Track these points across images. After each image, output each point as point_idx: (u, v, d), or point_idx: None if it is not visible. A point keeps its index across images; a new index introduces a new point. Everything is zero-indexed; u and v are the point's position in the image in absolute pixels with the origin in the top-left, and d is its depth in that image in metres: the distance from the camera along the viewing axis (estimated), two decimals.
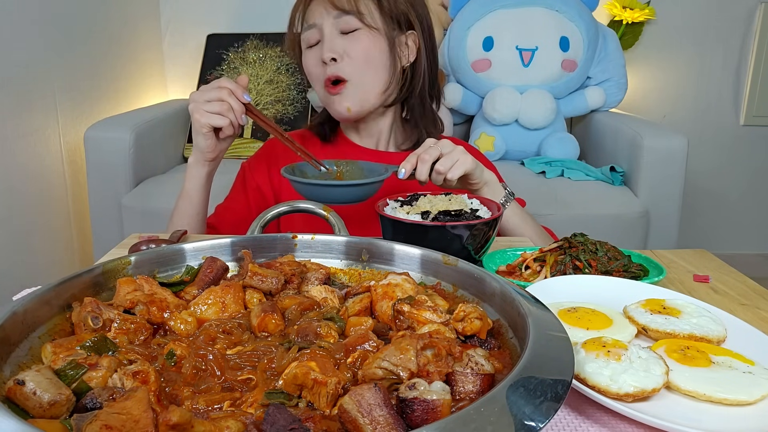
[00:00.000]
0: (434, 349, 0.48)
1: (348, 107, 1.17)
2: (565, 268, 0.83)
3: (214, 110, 1.03)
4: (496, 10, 2.28)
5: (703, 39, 2.72)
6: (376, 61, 1.15)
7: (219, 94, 1.03)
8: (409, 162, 0.98)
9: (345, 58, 1.14)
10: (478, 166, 1.02)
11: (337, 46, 1.14)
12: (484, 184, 1.05)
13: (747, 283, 0.86)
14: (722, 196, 2.88)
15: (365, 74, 1.15)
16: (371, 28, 1.14)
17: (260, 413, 0.43)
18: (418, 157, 0.98)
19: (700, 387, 0.54)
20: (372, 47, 1.15)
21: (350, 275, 0.72)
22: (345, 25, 1.13)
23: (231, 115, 1.04)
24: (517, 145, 2.28)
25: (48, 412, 0.42)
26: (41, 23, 1.86)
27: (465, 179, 1.03)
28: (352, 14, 1.12)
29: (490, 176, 1.06)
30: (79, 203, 2.05)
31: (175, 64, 2.70)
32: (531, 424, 0.38)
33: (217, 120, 1.04)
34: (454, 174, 0.98)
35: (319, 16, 1.14)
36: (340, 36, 1.14)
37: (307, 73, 1.21)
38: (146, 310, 0.58)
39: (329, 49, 1.13)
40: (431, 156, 0.98)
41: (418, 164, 0.98)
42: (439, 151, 0.99)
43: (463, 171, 0.99)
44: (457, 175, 0.99)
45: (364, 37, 1.14)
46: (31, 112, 1.82)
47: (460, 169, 0.99)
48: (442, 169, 0.98)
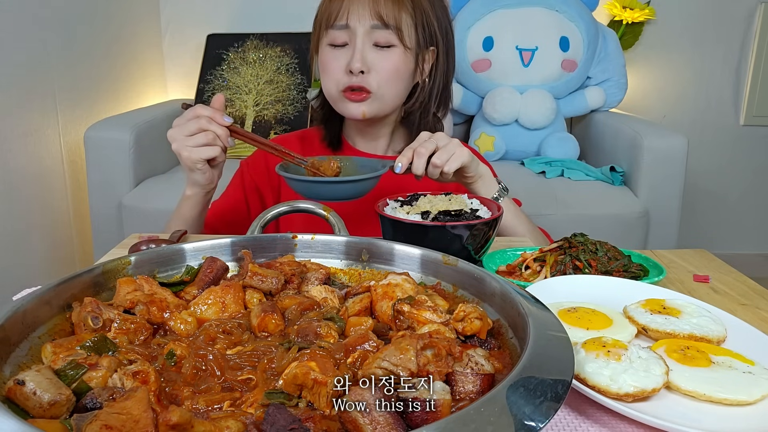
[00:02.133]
0: (434, 349, 0.48)
1: (364, 112, 1.15)
2: (565, 268, 0.83)
3: (200, 143, 0.99)
4: (496, 10, 2.28)
5: (703, 39, 2.72)
6: (401, 77, 1.14)
7: (199, 125, 0.98)
8: (405, 156, 0.97)
9: (372, 71, 1.11)
10: (473, 160, 1.02)
11: (369, 59, 1.10)
12: (479, 177, 1.05)
13: (747, 283, 0.86)
14: (722, 196, 2.88)
15: (389, 88, 1.14)
16: (406, 48, 1.11)
17: (260, 413, 0.43)
18: (414, 151, 0.98)
19: (700, 387, 0.54)
20: (402, 65, 1.12)
21: (350, 275, 0.72)
22: (381, 39, 1.09)
23: (219, 143, 1.00)
24: (517, 145, 2.28)
25: (48, 412, 0.42)
26: (41, 23, 1.86)
27: (460, 172, 1.03)
28: (391, 30, 1.09)
29: (485, 170, 1.06)
30: (79, 203, 2.05)
31: (175, 64, 2.70)
32: (531, 424, 0.38)
33: (207, 152, 0.99)
34: (450, 167, 0.98)
35: (357, 19, 1.08)
36: (373, 48, 1.10)
37: (324, 68, 1.16)
38: (146, 310, 0.58)
39: (360, 61, 1.09)
40: (427, 149, 0.97)
41: (414, 158, 0.97)
42: (435, 144, 0.98)
43: (459, 164, 0.99)
44: (453, 168, 0.98)
45: (396, 55, 1.11)
46: (31, 112, 1.82)
47: (456, 162, 0.98)
48: (439, 162, 0.97)
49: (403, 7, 1.10)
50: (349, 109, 1.15)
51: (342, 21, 1.09)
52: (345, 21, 1.09)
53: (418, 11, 1.11)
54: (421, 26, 1.12)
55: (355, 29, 1.09)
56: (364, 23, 1.08)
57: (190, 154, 0.99)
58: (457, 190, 1.16)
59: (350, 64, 1.10)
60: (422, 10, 1.12)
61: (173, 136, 1.00)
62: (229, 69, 2.40)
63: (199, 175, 1.03)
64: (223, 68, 2.40)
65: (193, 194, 1.07)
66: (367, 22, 1.08)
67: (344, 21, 1.09)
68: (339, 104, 1.17)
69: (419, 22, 1.12)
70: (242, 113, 2.34)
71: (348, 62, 1.10)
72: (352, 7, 1.08)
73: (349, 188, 0.94)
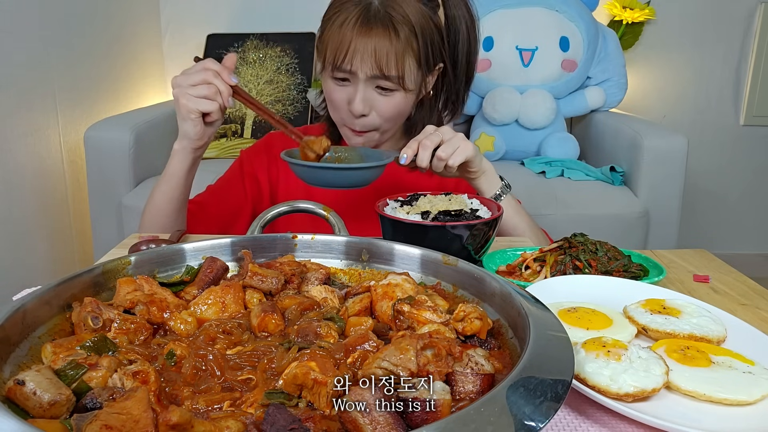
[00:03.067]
0: (434, 349, 0.48)
1: (364, 143, 1.16)
2: (565, 268, 0.83)
3: (201, 94, 0.97)
4: (496, 10, 2.28)
5: (703, 39, 2.72)
6: (402, 114, 1.15)
7: (204, 77, 0.97)
8: (410, 148, 0.97)
9: (374, 111, 1.11)
10: (477, 154, 1.02)
11: (370, 100, 1.10)
12: (482, 173, 1.05)
13: (747, 283, 0.86)
14: (722, 196, 2.88)
15: (390, 124, 1.15)
16: (407, 91, 1.10)
17: (260, 413, 0.43)
18: (419, 143, 0.98)
19: (700, 387, 0.54)
20: (403, 105, 1.12)
21: (350, 275, 0.72)
22: (384, 84, 1.08)
23: (219, 99, 0.98)
24: (517, 145, 2.28)
25: (48, 412, 0.42)
26: (41, 23, 1.86)
27: (464, 167, 1.03)
28: (393, 80, 1.07)
29: (488, 166, 1.06)
30: (79, 203, 2.05)
31: (175, 64, 2.70)
32: (531, 424, 0.38)
33: (205, 105, 0.98)
34: (455, 160, 0.98)
35: (359, 66, 1.07)
36: (374, 90, 1.10)
37: (329, 97, 1.15)
38: (146, 310, 0.58)
39: (362, 104, 1.09)
40: (432, 142, 0.97)
41: (420, 150, 0.97)
42: (440, 138, 0.98)
43: (464, 158, 0.99)
44: (458, 161, 0.98)
45: (398, 98, 1.10)
46: (31, 112, 1.82)
47: (461, 156, 0.98)
48: (444, 155, 0.97)
49: (408, 49, 1.07)
50: (352, 141, 1.17)
51: (347, 66, 1.07)
52: (349, 67, 1.07)
53: (423, 44, 1.08)
54: (425, 59, 1.10)
55: (357, 73, 1.08)
56: (366, 71, 1.07)
57: (188, 102, 0.98)
58: (457, 190, 1.16)
59: (351, 106, 1.10)
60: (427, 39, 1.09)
61: (177, 82, 0.99)
62: None
63: (190, 126, 1.00)
64: None
65: (181, 148, 1.05)
66: (369, 71, 1.07)
67: (348, 66, 1.07)
68: (343, 130, 1.18)
69: (423, 57, 1.09)
70: (242, 113, 2.34)
71: (350, 100, 1.10)
72: (356, 54, 1.06)
73: (354, 175, 0.94)
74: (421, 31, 1.07)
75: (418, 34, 1.07)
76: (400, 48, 1.05)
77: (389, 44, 1.05)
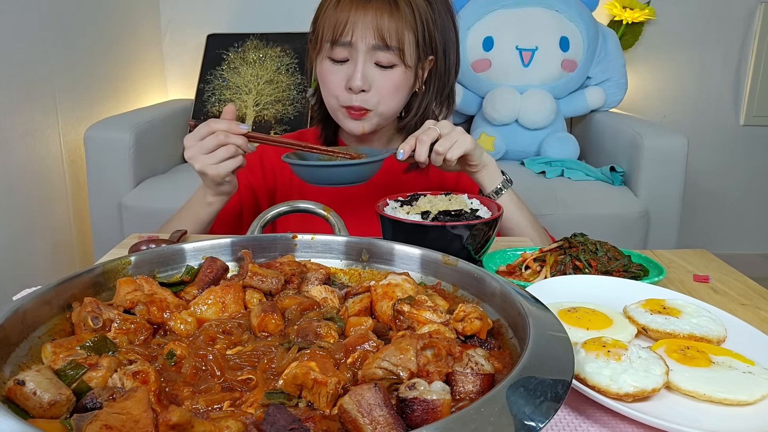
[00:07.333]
0: (434, 349, 0.48)
1: (363, 128, 1.14)
2: (565, 268, 0.83)
3: (223, 157, 0.98)
4: (496, 10, 2.28)
5: (703, 39, 2.72)
6: (400, 93, 1.13)
7: (217, 141, 0.98)
8: (408, 143, 0.97)
9: (373, 89, 1.10)
10: (477, 147, 1.02)
11: (369, 77, 1.09)
12: (483, 166, 1.05)
13: (747, 283, 0.86)
14: (722, 196, 2.88)
15: (388, 105, 1.13)
16: (407, 66, 1.10)
17: (260, 413, 0.43)
18: (417, 138, 0.97)
19: (700, 387, 0.54)
20: (402, 82, 1.11)
21: (350, 275, 0.72)
22: (383, 59, 1.08)
23: (240, 152, 0.99)
24: (517, 145, 2.28)
25: (48, 412, 0.42)
26: (41, 23, 1.86)
27: (464, 160, 1.02)
28: (393, 51, 1.07)
29: (489, 159, 1.06)
30: (79, 203, 2.05)
31: (175, 64, 2.70)
32: (531, 424, 0.38)
33: (232, 165, 0.99)
34: (453, 154, 0.97)
35: (359, 37, 1.06)
36: (374, 66, 1.09)
37: (323, 81, 1.14)
38: (146, 310, 0.58)
39: (362, 80, 1.08)
40: (430, 137, 0.97)
41: (417, 145, 0.97)
42: (438, 132, 0.98)
43: (462, 151, 0.98)
44: (456, 155, 0.98)
45: (397, 74, 1.10)
46: (31, 112, 1.82)
47: (459, 149, 0.98)
48: (441, 149, 0.97)
49: (407, 24, 1.07)
50: (349, 126, 1.15)
51: (346, 38, 1.07)
52: (349, 38, 1.07)
53: (420, 24, 1.09)
54: (422, 39, 1.10)
55: (357, 47, 1.07)
56: (367, 42, 1.06)
57: (218, 171, 0.98)
58: (456, 189, 1.16)
59: (351, 82, 1.09)
60: (425, 21, 1.10)
61: (193, 156, 0.99)
62: (229, 69, 2.40)
63: (227, 187, 1.04)
64: (223, 68, 2.40)
65: (216, 201, 1.07)
66: (370, 41, 1.06)
67: (348, 38, 1.07)
68: (339, 116, 1.16)
69: (421, 36, 1.10)
70: (242, 113, 2.34)
71: (348, 78, 1.09)
72: (356, 25, 1.06)
73: (353, 172, 0.95)
74: (419, 10, 1.08)
75: (416, 12, 1.08)
76: (400, 20, 1.06)
77: (389, 16, 1.05)
